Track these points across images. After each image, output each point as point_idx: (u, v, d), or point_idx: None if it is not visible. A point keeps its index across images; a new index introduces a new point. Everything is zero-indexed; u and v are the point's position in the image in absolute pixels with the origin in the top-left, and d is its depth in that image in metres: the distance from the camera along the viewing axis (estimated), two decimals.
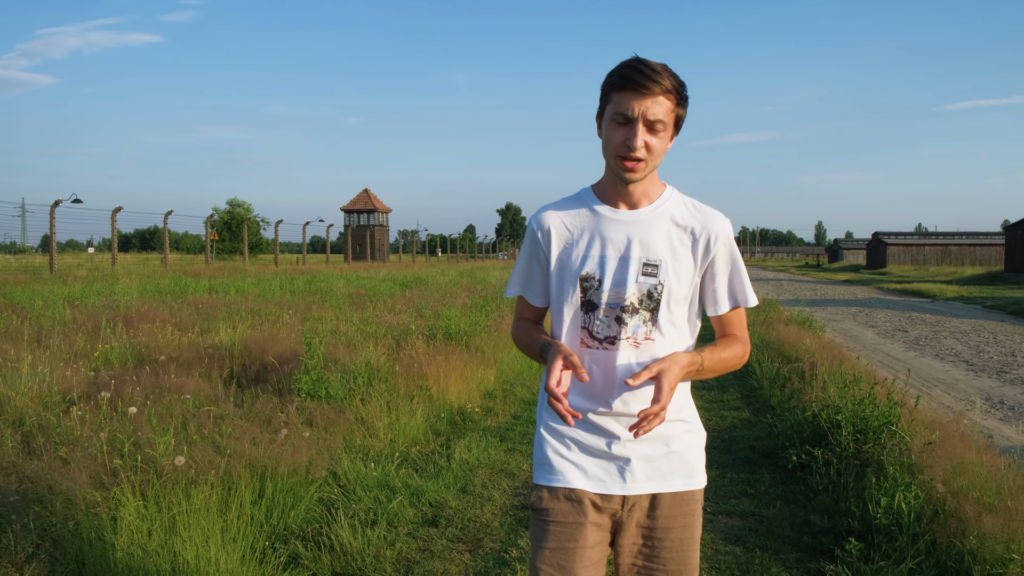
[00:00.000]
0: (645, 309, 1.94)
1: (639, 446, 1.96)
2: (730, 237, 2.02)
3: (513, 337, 2.18)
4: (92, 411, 5.18)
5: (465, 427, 6.78)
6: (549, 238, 2.02)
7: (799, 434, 5.65)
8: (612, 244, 1.96)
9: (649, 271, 1.94)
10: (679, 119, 1.94)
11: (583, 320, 1.96)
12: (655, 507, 1.98)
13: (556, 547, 1.95)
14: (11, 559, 3.16)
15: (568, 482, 1.97)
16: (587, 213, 2.01)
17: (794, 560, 4.00)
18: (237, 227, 72.55)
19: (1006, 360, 12.80)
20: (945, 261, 76.18)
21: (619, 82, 1.86)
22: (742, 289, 2.02)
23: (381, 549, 4.01)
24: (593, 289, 1.95)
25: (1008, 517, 3.57)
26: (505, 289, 2.15)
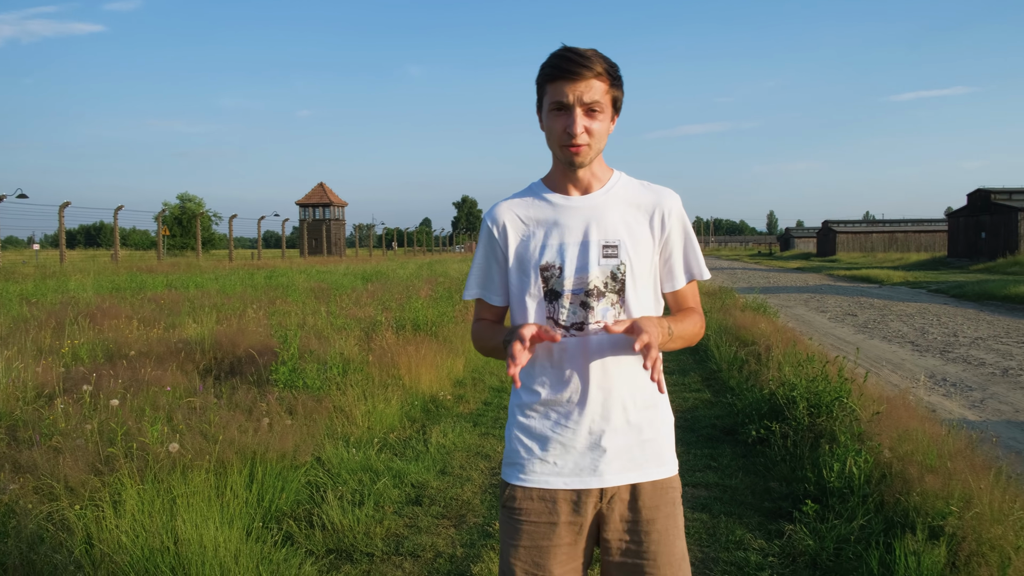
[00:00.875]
0: (611, 291, 1.92)
1: (613, 437, 1.92)
2: (682, 211, 2.04)
3: (474, 338, 2.13)
4: (74, 404, 5.29)
5: (439, 414, 7.00)
6: (505, 233, 2.01)
7: (758, 411, 5.99)
8: (569, 230, 1.95)
9: (609, 252, 1.93)
10: (616, 100, 1.94)
11: (548, 310, 1.94)
12: (636, 498, 1.95)
13: (531, 545, 1.94)
14: (18, 543, 3.30)
15: (542, 483, 1.95)
16: (541, 203, 2.01)
17: (756, 523, 4.32)
18: (188, 222, 71.38)
19: (948, 340, 13.40)
20: (892, 248, 78.16)
21: (551, 72, 1.88)
22: (696, 262, 2.04)
23: (370, 526, 4.23)
24: (555, 278, 1.93)
25: (947, 476, 3.92)
26: (463, 291, 2.12)
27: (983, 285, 24.26)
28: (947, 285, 27.04)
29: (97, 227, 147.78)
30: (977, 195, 48.10)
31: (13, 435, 4.89)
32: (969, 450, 4.40)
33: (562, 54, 1.86)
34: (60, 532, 3.40)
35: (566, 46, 1.88)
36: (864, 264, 50.36)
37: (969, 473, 3.90)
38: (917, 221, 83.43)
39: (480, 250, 2.08)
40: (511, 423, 2.03)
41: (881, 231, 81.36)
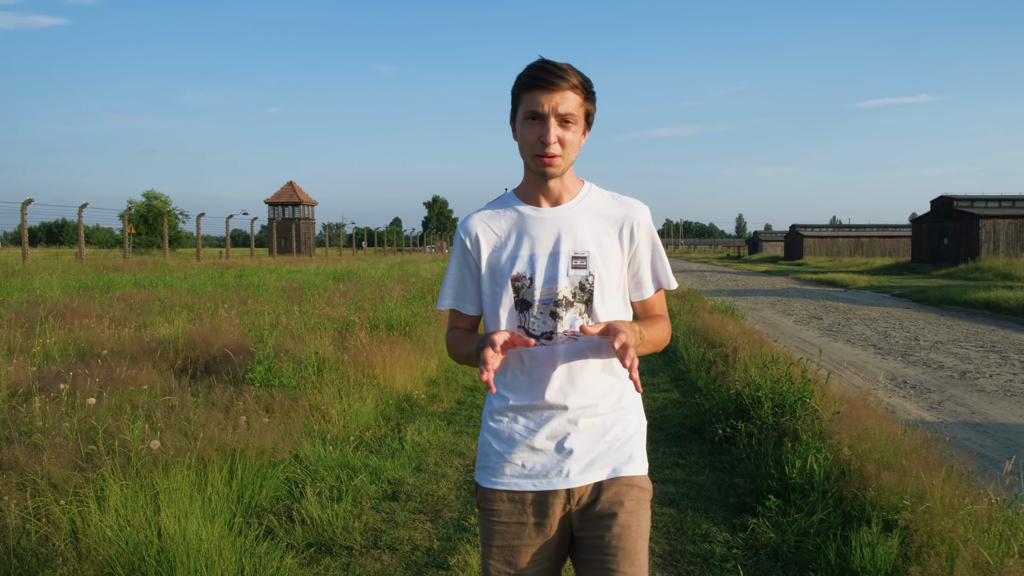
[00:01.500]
0: (579, 301, 1.97)
1: (579, 440, 1.98)
2: (650, 223, 2.08)
3: (448, 346, 2.18)
4: (51, 403, 5.32)
5: (413, 412, 7.11)
6: (478, 243, 2.05)
7: (724, 410, 6.18)
8: (540, 242, 2.00)
9: (578, 263, 1.97)
10: (589, 114, 2.00)
11: (519, 319, 1.99)
12: (599, 494, 1.99)
13: (503, 545, 2.01)
14: (4, 537, 3.37)
15: (511, 484, 2.01)
16: (512, 215, 2.05)
17: (721, 517, 4.49)
18: (154, 220, 70.57)
19: (910, 344, 13.75)
20: (858, 252, 79.39)
21: (527, 82, 1.92)
22: (664, 272, 2.09)
23: (349, 521, 4.34)
24: (525, 288, 1.98)
25: (903, 473, 4.12)
26: (437, 301, 2.16)
27: (945, 290, 24.82)
28: (910, 290, 27.61)
29: (59, 224, 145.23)
30: (940, 202, 49.10)
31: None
32: (923, 448, 4.61)
33: (539, 65, 1.92)
34: (45, 526, 3.47)
35: (543, 58, 1.94)
36: (830, 268, 51.14)
37: (922, 470, 4.11)
38: (882, 226, 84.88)
39: (454, 260, 2.12)
40: (483, 427, 2.09)
41: (847, 236, 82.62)
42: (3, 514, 3.43)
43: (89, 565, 3.31)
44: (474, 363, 2.03)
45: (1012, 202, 46.64)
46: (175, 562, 3.32)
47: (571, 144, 1.95)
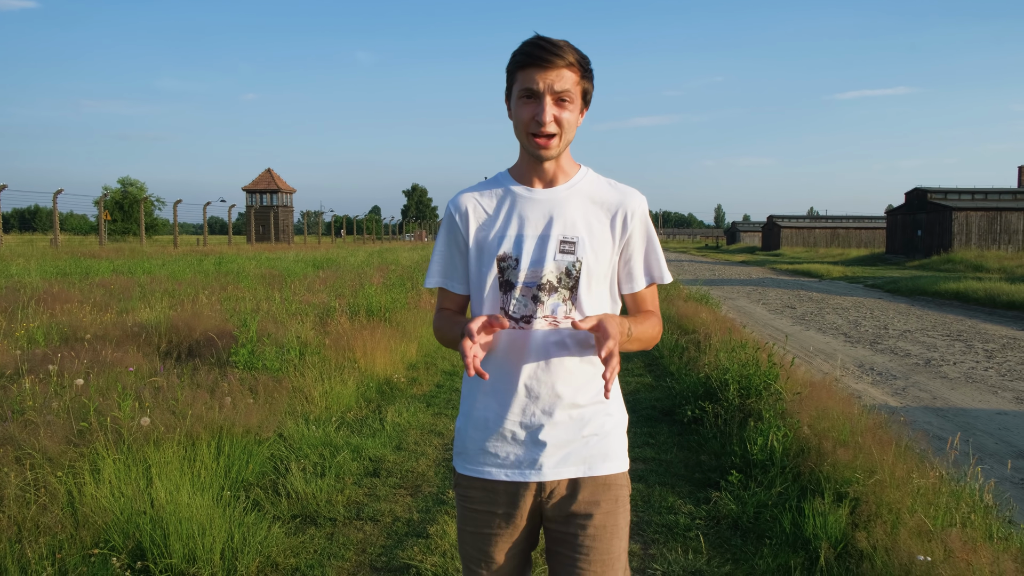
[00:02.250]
0: (564, 287, 1.92)
1: (554, 431, 1.93)
2: (646, 214, 2.02)
3: (435, 329, 2.11)
4: (40, 383, 5.46)
5: (393, 395, 7.30)
6: (467, 220, 2.00)
7: (694, 393, 6.43)
8: (530, 223, 1.95)
9: (567, 248, 1.91)
10: (586, 92, 1.93)
11: (501, 300, 1.94)
12: (574, 493, 1.95)
13: (474, 531, 2.00)
14: (5, 505, 3.53)
15: (484, 472, 1.97)
16: (504, 194, 2.00)
17: (687, 492, 4.74)
18: (129, 207, 70.00)
19: (879, 332, 14.11)
20: (834, 243, 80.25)
21: (522, 60, 1.86)
22: (658, 266, 2.04)
23: (332, 495, 4.53)
24: (510, 269, 1.93)
25: (857, 449, 4.38)
26: (425, 279, 2.10)
27: (916, 281, 25.31)
28: (883, 281, 28.12)
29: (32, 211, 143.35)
30: (914, 194, 49.80)
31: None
32: (878, 428, 4.88)
33: (534, 42, 1.85)
34: (43, 496, 3.63)
35: (539, 35, 1.87)
36: (806, 259, 51.75)
37: (875, 447, 4.36)
38: (858, 218, 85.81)
39: (442, 237, 2.06)
40: (460, 412, 2.06)
41: (824, 227, 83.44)
42: (3, 484, 3.59)
43: (87, 532, 3.48)
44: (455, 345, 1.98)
45: (984, 195, 47.41)
46: (168, 529, 3.49)
47: (568, 123, 1.89)
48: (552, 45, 1.84)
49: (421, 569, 3.62)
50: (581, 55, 1.89)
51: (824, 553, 3.52)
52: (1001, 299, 18.72)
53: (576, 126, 1.93)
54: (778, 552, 3.71)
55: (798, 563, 3.57)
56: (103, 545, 3.46)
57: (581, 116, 1.95)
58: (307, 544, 3.92)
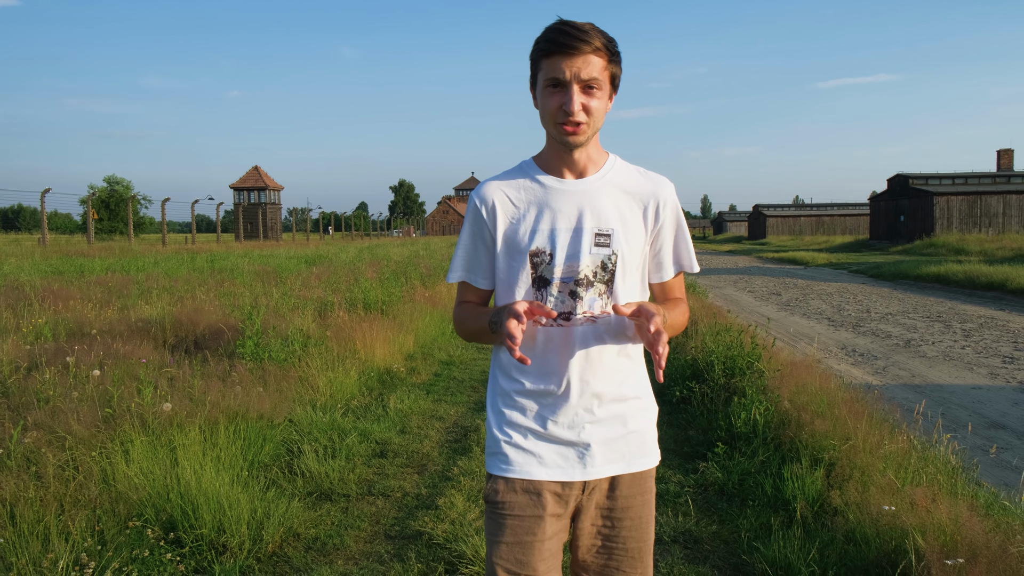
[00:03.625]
0: (600, 281, 1.86)
1: (598, 429, 1.89)
2: (676, 202, 1.98)
3: (456, 321, 2.04)
4: (60, 374, 5.72)
5: (393, 384, 7.59)
6: (494, 213, 1.92)
7: (682, 374, 6.75)
8: (562, 215, 1.88)
9: (602, 241, 1.86)
10: (614, 77, 1.86)
11: (536, 297, 1.87)
12: (615, 488, 1.93)
13: (513, 541, 1.88)
14: (45, 482, 3.80)
15: (525, 473, 1.89)
16: (532, 185, 1.92)
17: (677, 464, 5.06)
18: (116, 206, 69.88)
19: (861, 316, 14.50)
20: (819, 231, 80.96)
21: (547, 47, 1.78)
22: (688, 254, 2.00)
23: (344, 474, 4.82)
24: (544, 264, 1.86)
25: (833, 420, 4.71)
26: (448, 273, 2.02)
27: (898, 266, 25.78)
28: (866, 266, 28.60)
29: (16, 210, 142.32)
30: (896, 180, 50.36)
31: (8, 401, 5.31)
32: (853, 400, 5.21)
33: (559, 27, 1.78)
34: (80, 475, 3.91)
35: (562, 19, 1.80)
36: (792, 247, 52.28)
37: (850, 417, 4.70)
38: (843, 205, 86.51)
39: (466, 230, 1.98)
40: (493, 412, 1.98)
41: (809, 215, 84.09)
42: (43, 464, 3.87)
43: (122, 506, 3.76)
44: (486, 340, 1.95)
45: (964, 179, 48.03)
46: (197, 503, 3.78)
47: (596, 111, 1.82)
48: (577, 30, 1.76)
49: (433, 535, 3.92)
50: (608, 38, 1.81)
51: (801, 510, 3.84)
52: (980, 281, 19.18)
53: (605, 112, 1.86)
54: (760, 512, 4.04)
55: (778, 521, 3.90)
56: (137, 518, 3.74)
57: (610, 101, 1.88)
58: (324, 517, 4.21)
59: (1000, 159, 53.39)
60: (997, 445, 5.83)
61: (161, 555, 3.54)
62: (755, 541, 3.73)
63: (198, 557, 3.64)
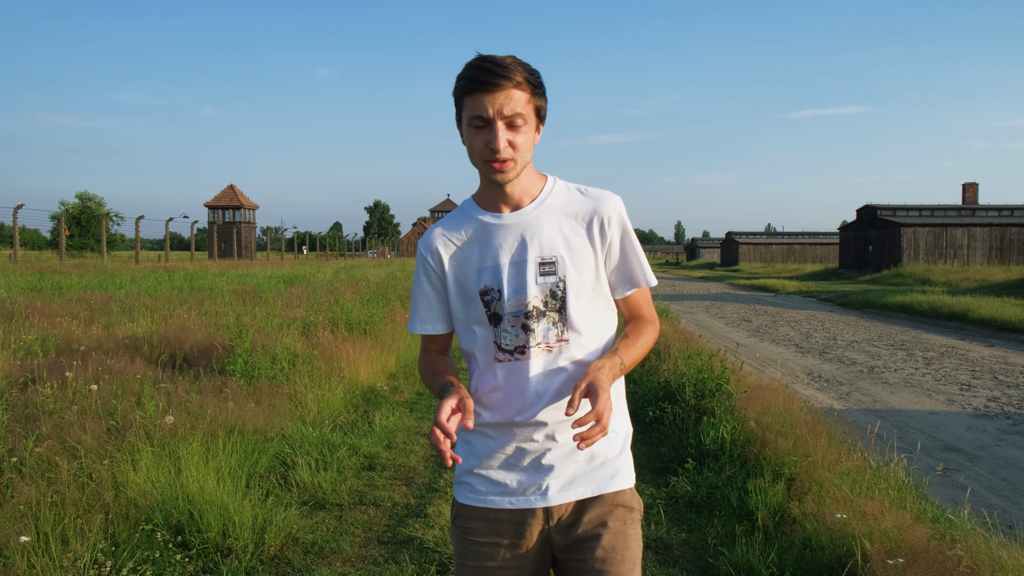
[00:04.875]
0: (552, 310, 1.86)
1: (558, 454, 1.88)
2: (623, 216, 1.93)
3: (420, 374, 2.09)
4: (60, 388, 5.94)
5: (378, 402, 7.87)
6: (440, 260, 1.93)
7: (655, 395, 7.11)
8: (503, 250, 1.87)
9: (547, 270, 1.85)
10: (539, 109, 1.84)
11: (493, 335, 1.88)
12: (581, 514, 1.89)
13: (477, 565, 1.91)
14: (60, 489, 4.04)
15: (485, 501, 1.90)
16: (472, 224, 1.92)
17: (649, 479, 5.39)
18: (87, 222, 69.33)
19: (828, 343, 14.97)
20: (790, 259, 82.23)
21: (467, 85, 1.76)
22: (640, 269, 1.95)
23: (336, 485, 5.10)
24: (495, 301, 1.87)
25: (795, 439, 5.07)
26: (408, 324, 2.04)
27: (865, 295, 26.45)
28: (835, 295, 29.27)
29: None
30: (865, 210, 51.49)
31: (14, 414, 5.52)
32: (814, 421, 5.58)
33: (477, 64, 1.76)
34: (92, 483, 4.16)
35: (481, 55, 1.79)
36: (763, 274, 53.12)
37: (810, 436, 5.06)
38: (813, 234, 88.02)
39: (418, 280, 2.00)
40: (460, 441, 1.99)
41: (780, 243, 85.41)
42: (58, 471, 4.11)
43: (133, 511, 4.02)
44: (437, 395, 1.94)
45: (931, 211, 49.24)
46: (203, 509, 4.04)
47: (522, 146, 1.80)
48: (497, 65, 1.74)
49: (423, 540, 4.21)
50: (529, 71, 1.80)
51: (762, 519, 4.19)
52: (943, 311, 19.80)
53: (533, 144, 1.85)
54: (726, 522, 4.38)
55: (742, 529, 4.24)
56: (147, 522, 3.99)
57: (538, 133, 1.87)
58: (320, 524, 4.49)
59: (965, 192, 54.83)
60: (949, 466, 6.22)
61: (171, 556, 3.80)
62: (721, 547, 4.07)
63: (205, 559, 3.91)
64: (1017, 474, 6.09)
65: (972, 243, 47.45)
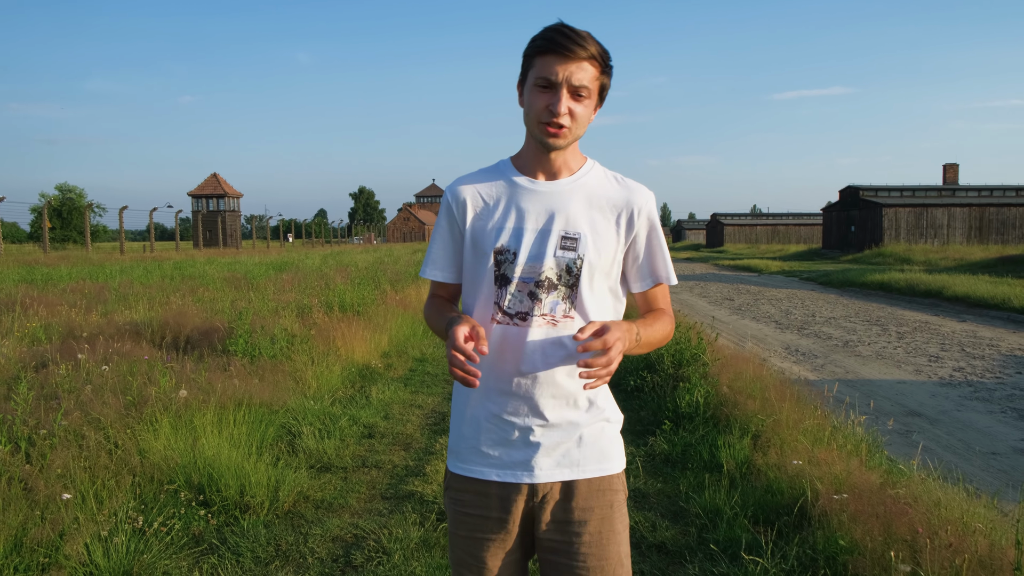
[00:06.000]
0: (564, 285, 1.85)
1: (548, 433, 1.87)
2: (653, 211, 1.96)
3: (425, 315, 2.06)
4: (74, 370, 6.29)
5: (373, 378, 8.26)
6: (464, 209, 1.93)
7: (636, 366, 7.53)
8: (530, 216, 1.88)
9: (568, 244, 1.85)
10: (603, 88, 1.86)
11: (495, 295, 1.87)
12: (569, 497, 1.89)
13: (466, 535, 1.94)
14: (90, 455, 4.41)
15: (476, 472, 1.91)
16: (504, 184, 1.93)
17: (630, 439, 5.82)
18: (68, 214, 69.09)
19: (807, 320, 15.46)
20: (774, 240, 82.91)
21: (543, 45, 1.78)
22: (663, 265, 1.97)
23: (340, 450, 5.50)
24: (507, 262, 1.86)
25: (763, 401, 5.52)
26: (421, 268, 2.04)
27: (846, 274, 27.00)
28: (817, 274, 29.81)
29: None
30: (848, 191, 52.09)
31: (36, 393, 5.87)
32: (782, 386, 6.03)
33: (558, 28, 1.78)
34: (118, 450, 4.53)
35: (562, 22, 1.81)
36: (748, 255, 53.73)
37: (776, 399, 5.50)
38: (797, 215, 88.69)
39: (438, 226, 2.01)
40: (454, 410, 2.00)
41: (765, 224, 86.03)
42: (87, 440, 4.48)
43: (157, 474, 4.40)
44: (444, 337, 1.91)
45: (912, 192, 49.88)
46: (222, 474, 4.43)
47: (581, 118, 1.82)
48: (575, 35, 1.77)
49: (423, 494, 4.63)
50: (603, 49, 1.82)
51: (729, 470, 4.62)
52: (920, 288, 20.36)
53: (589, 121, 1.87)
54: (697, 473, 4.82)
55: (712, 479, 4.67)
56: (170, 483, 4.38)
57: (595, 112, 1.89)
58: (328, 484, 4.89)
59: (946, 173, 55.54)
60: (911, 428, 6.68)
61: (195, 512, 4.20)
62: (692, 493, 4.51)
63: (225, 514, 4.30)
64: (972, 435, 6.55)
65: (952, 223, 48.15)
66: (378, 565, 3.72)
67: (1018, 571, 2.81)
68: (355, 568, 3.72)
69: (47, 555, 3.49)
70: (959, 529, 3.25)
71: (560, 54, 1.76)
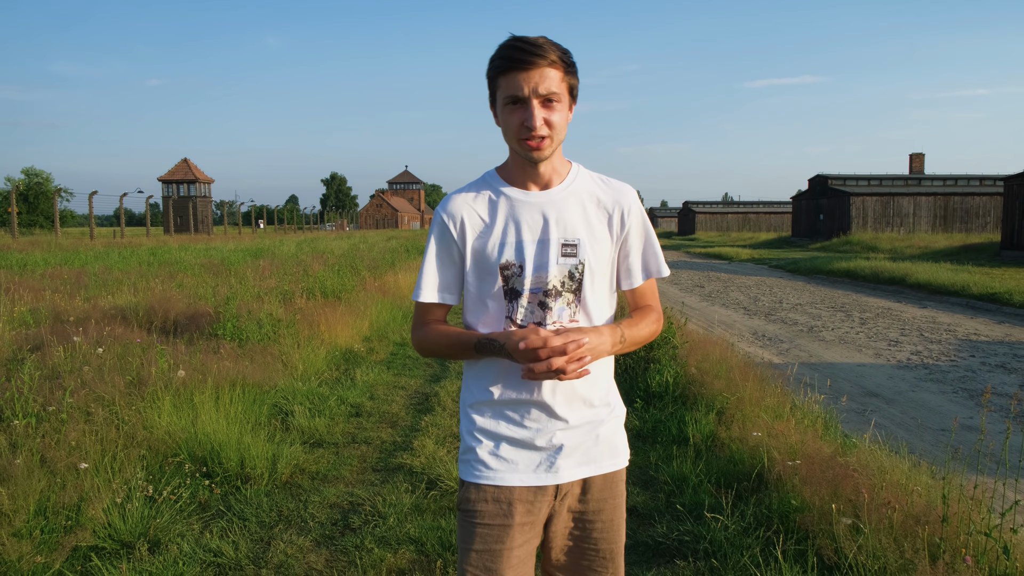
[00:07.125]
0: (568, 291, 1.89)
1: (569, 434, 1.92)
2: (640, 208, 2.00)
3: (425, 344, 2.01)
4: (70, 352, 6.53)
5: (356, 361, 8.56)
6: (463, 228, 1.93)
7: None
8: (528, 227, 1.90)
9: (568, 251, 1.89)
10: (572, 88, 1.88)
11: (507, 309, 1.90)
12: (587, 491, 1.96)
13: (483, 549, 1.92)
14: (98, 430, 4.68)
15: (496, 479, 1.92)
16: (497, 197, 1.94)
17: None
18: (35, 199, 68.29)
19: (774, 306, 15.94)
20: (745, 228, 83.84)
21: (502, 64, 1.80)
22: (655, 259, 2.03)
23: (331, 427, 5.82)
24: (515, 276, 1.89)
25: (728, 380, 5.91)
26: (415, 291, 1.99)
27: (814, 261, 27.63)
28: (785, 262, 30.45)
29: None
30: (816, 180, 52.91)
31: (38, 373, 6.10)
32: (746, 366, 6.42)
33: (512, 44, 1.80)
34: (125, 425, 4.81)
35: (515, 36, 1.82)
36: (719, 243, 54.41)
37: (740, 379, 5.89)
38: (768, 203, 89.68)
39: (434, 247, 1.98)
40: (465, 419, 2.00)
41: (736, 212, 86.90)
42: (94, 416, 4.76)
43: (163, 448, 4.69)
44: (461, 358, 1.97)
45: (879, 181, 50.81)
46: (221, 448, 4.73)
47: (557, 124, 1.84)
48: (531, 44, 1.78)
49: (412, 466, 4.96)
50: (562, 50, 1.84)
51: (696, 441, 5.01)
52: (884, 276, 20.98)
53: (566, 124, 1.89)
54: (667, 446, 5.21)
55: (679, 451, 5.06)
56: (174, 456, 4.67)
57: (570, 112, 1.91)
58: (322, 458, 5.20)
59: (912, 162, 56.56)
60: (868, 408, 7.11)
61: (200, 482, 4.50)
62: (661, 463, 4.89)
63: (228, 484, 4.61)
64: (924, 413, 7.00)
65: (918, 212, 49.14)
66: (374, 527, 4.05)
67: (944, 521, 3.21)
68: (353, 530, 4.05)
69: (69, 518, 3.78)
70: (899, 491, 3.64)
71: (521, 68, 1.79)
